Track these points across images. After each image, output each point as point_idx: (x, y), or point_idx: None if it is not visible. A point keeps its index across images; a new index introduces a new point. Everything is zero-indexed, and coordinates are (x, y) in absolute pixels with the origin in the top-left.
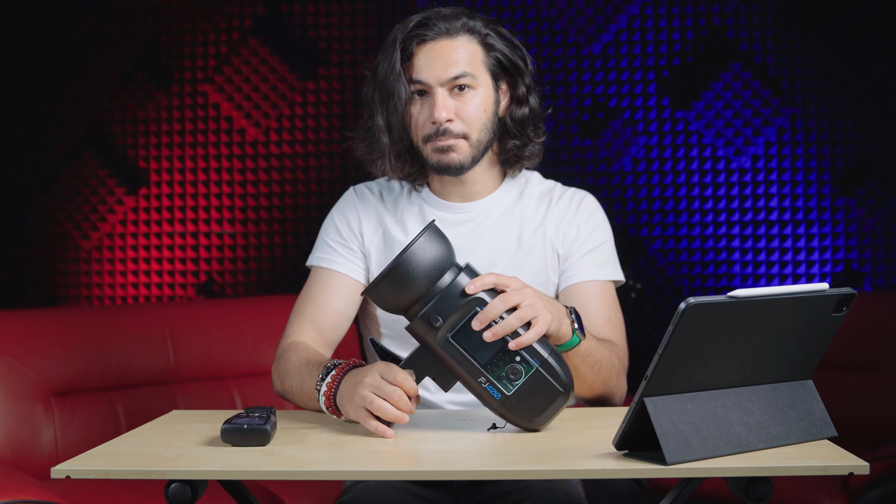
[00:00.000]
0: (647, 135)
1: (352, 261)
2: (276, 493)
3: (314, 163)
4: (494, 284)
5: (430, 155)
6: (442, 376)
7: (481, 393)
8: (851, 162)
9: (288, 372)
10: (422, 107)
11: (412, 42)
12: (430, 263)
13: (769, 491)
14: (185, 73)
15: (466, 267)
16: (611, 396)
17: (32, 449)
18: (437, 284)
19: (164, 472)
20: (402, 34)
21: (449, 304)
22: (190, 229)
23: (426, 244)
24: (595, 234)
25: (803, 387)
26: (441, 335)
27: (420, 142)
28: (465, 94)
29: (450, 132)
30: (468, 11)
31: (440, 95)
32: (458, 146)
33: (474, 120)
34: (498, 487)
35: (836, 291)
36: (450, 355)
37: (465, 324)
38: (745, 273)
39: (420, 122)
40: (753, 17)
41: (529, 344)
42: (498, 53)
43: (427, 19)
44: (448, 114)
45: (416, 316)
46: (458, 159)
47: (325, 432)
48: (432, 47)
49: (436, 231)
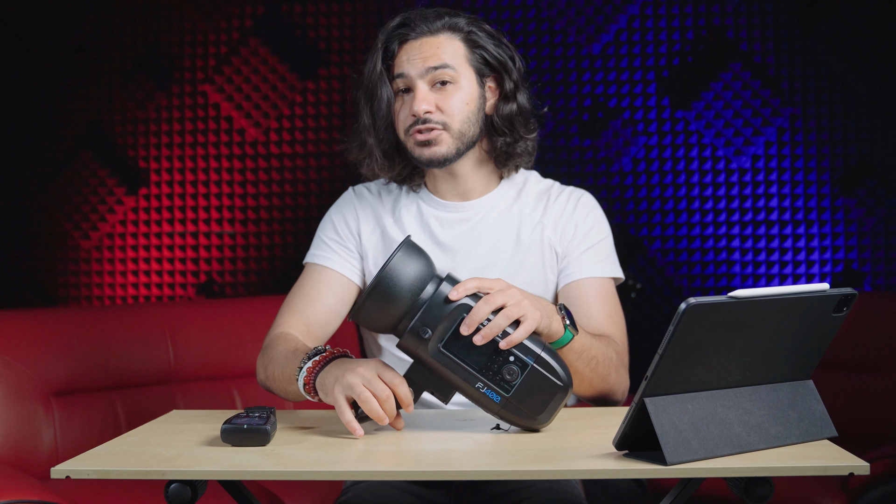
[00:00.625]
0: (647, 135)
1: (347, 260)
2: (276, 493)
3: (314, 163)
4: (477, 288)
5: (412, 148)
6: (440, 388)
7: (480, 399)
8: (851, 162)
9: (273, 359)
10: (404, 103)
11: (394, 41)
12: (410, 277)
13: (769, 491)
14: (185, 73)
15: (448, 276)
16: (611, 393)
17: (32, 449)
18: (420, 297)
19: (164, 472)
20: (384, 35)
21: (435, 315)
22: (190, 229)
23: (404, 259)
24: (593, 232)
25: (803, 387)
26: (432, 346)
27: (402, 135)
28: (447, 88)
29: (429, 122)
30: (451, 11)
31: (420, 89)
32: (440, 138)
33: (455, 111)
34: (498, 487)
35: (837, 291)
36: (444, 365)
37: (454, 331)
38: (745, 273)
39: (402, 116)
40: (753, 17)
41: (520, 341)
42: (482, 51)
43: (409, 19)
44: (428, 105)
45: (404, 331)
46: (440, 151)
47: (324, 432)
48: (413, 45)
49: (412, 245)
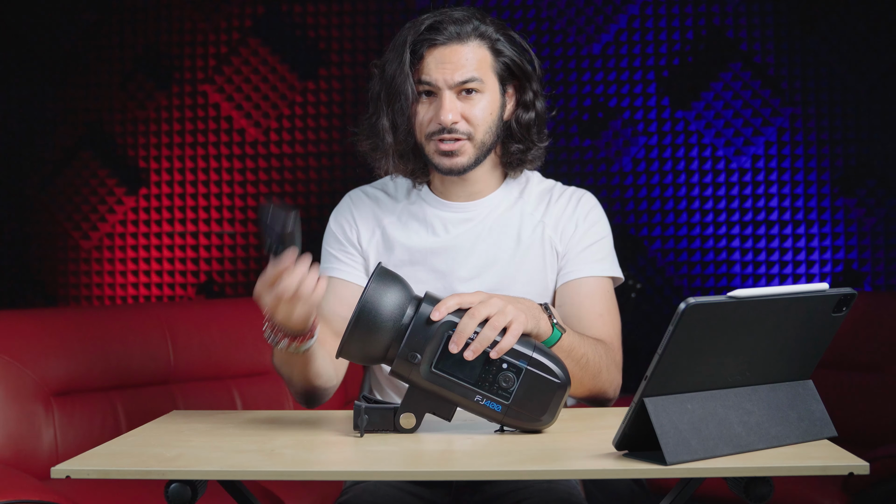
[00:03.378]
0: (647, 135)
1: (352, 265)
2: (276, 493)
3: (314, 163)
4: (459, 305)
5: (433, 155)
6: (440, 408)
7: (482, 410)
8: (851, 162)
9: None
10: (428, 106)
11: (423, 45)
12: (389, 305)
13: (769, 491)
14: (185, 73)
15: (426, 296)
16: (603, 392)
17: (32, 449)
18: (401, 322)
19: (164, 472)
20: (413, 36)
21: (420, 338)
22: (190, 229)
23: (378, 288)
24: (593, 231)
25: (803, 387)
26: (424, 369)
27: (423, 139)
28: (472, 97)
29: (455, 132)
30: (479, 14)
31: (447, 98)
32: (463, 149)
33: (480, 122)
34: (498, 487)
35: (836, 291)
36: (439, 385)
37: (443, 350)
38: (745, 273)
39: (425, 120)
40: (753, 17)
41: (510, 348)
42: (506, 59)
43: (438, 23)
44: (454, 116)
45: (394, 359)
46: (461, 162)
47: (325, 432)
48: (443, 51)
49: (384, 272)
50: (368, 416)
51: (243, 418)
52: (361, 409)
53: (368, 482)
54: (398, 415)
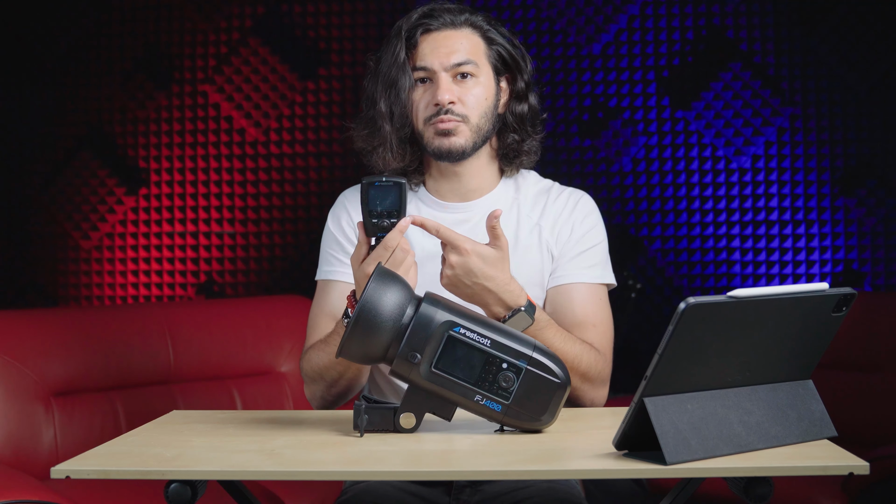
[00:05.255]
0: (647, 135)
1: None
2: (276, 493)
3: (314, 163)
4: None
5: (430, 139)
6: (440, 408)
7: (482, 410)
8: (851, 162)
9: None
10: (424, 92)
11: (416, 32)
12: (388, 305)
13: (769, 491)
14: (185, 73)
15: (426, 296)
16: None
17: (32, 449)
18: (401, 322)
19: (164, 472)
20: (407, 25)
21: (420, 337)
22: (190, 229)
23: (378, 289)
24: (588, 236)
25: (803, 387)
26: (424, 369)
27: (421, 125)
28: (467, 81)
29: (451, 113)
30: (470, 8)
31: (443, 79)
32: (459, 129)
33: (475, 105)
34: (498, 487)
35: (836, 291)
36: (439, 385)
37: (443, 350)
38: (745, 273)
39: (422, 106)
40: (753, 17)
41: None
42: (499, 48)
43: (432, 10)
44: (451, 96)
45: (393, 358)
46: (459, 143)
47: (325, 432)
48: (436, 37)
49: (385, 271)
50: (368, 416)
51: (243, 418)
52: (361, 409)
53: (368, 482)
54: (398, 415)
